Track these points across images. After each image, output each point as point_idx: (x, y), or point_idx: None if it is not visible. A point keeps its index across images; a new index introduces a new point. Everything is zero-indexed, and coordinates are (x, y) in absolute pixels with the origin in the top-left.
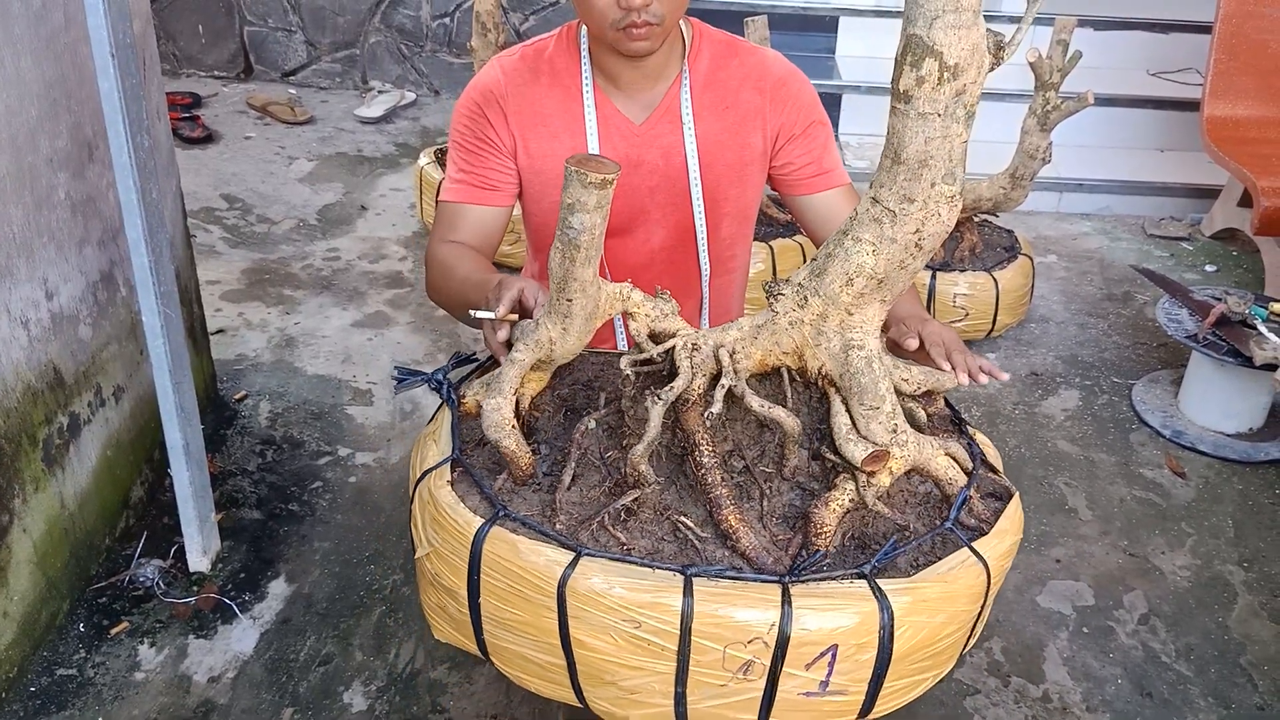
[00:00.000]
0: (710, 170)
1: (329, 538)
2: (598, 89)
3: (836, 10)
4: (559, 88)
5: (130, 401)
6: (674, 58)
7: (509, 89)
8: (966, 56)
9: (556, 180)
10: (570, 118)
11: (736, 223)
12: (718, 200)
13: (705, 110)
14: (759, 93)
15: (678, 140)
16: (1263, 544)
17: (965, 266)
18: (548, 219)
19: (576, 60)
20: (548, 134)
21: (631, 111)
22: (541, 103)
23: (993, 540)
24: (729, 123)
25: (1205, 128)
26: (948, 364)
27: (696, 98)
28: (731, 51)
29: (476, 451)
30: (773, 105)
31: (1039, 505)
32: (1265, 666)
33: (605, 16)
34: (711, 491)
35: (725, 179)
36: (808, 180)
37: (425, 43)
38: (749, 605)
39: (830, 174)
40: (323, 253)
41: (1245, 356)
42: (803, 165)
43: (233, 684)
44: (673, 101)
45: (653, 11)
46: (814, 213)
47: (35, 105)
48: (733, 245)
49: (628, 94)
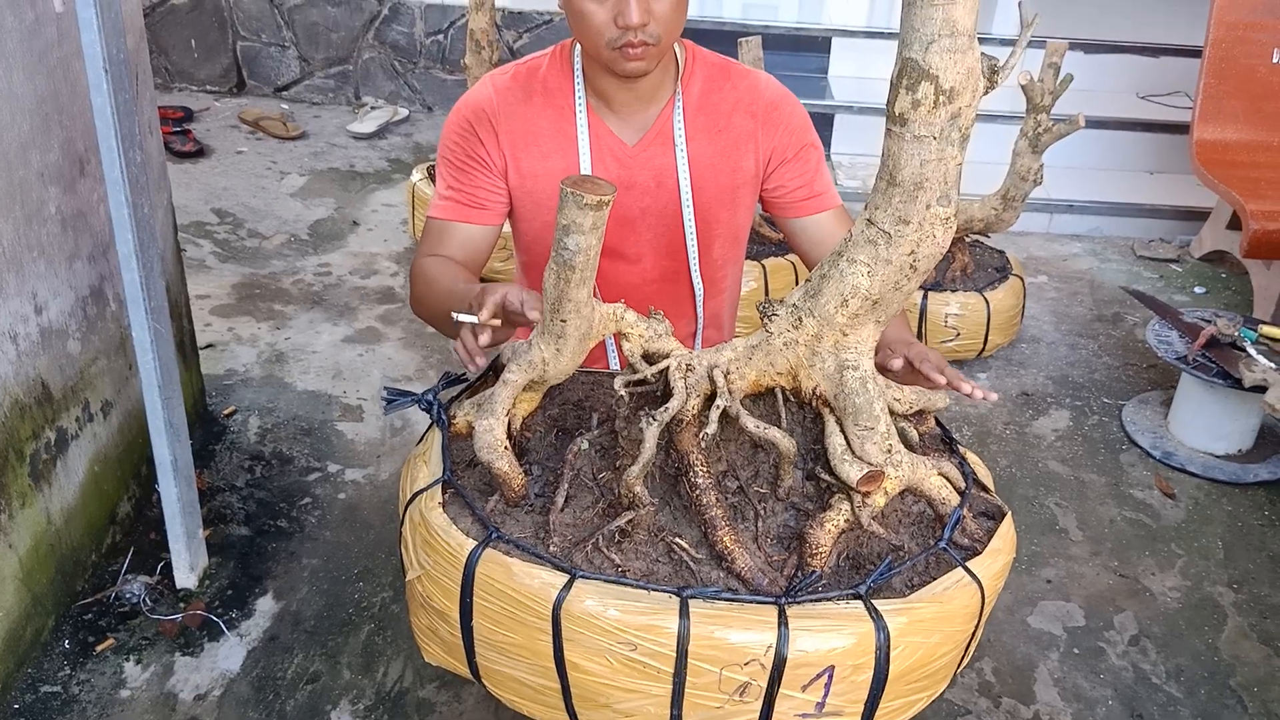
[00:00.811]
0: (702, 193)
1: (318, 554)
2: (590, 109)
3: (829, 31)
4: (551, 107)
5: (118, 417)
6: (668, 80)
7: (500, 107)
8: (962, 80)
9: (548, 200)
10: (562, 138)
11: (727, 244)
12: (709, 222)
13: (698, 133)
14: (751, 116)
15: (670, 162)
16: (1252, 566)
17: (957, 286)
18: (539, 237)
19: (570, 80)
20: (539, 154)
21: (624, 133)
22: (533, 122)
23: (986, 560)
24: (721, 146)
25: (1195, 151)
26: (941, 377)
27: (689, 120)
28: (724, 75)
29: (468, 472)
30: (765, 129)
31: (1030, 525)
32: (1255, 688)
33: (601, 35)
34: (706, 512)
35: (717, 201)
36: (800, 203)
37: (419, 59)
38: (745, 627)
39: (822, 196)
40: (314, 268)
41: (1234, 378)
42: (795, 188)
43: (219, 702)
44: (665, 124)
45: (649, 32)
46: (806, 235)
47: (27, 120)
48: (724, 266)
49: (621, 115)
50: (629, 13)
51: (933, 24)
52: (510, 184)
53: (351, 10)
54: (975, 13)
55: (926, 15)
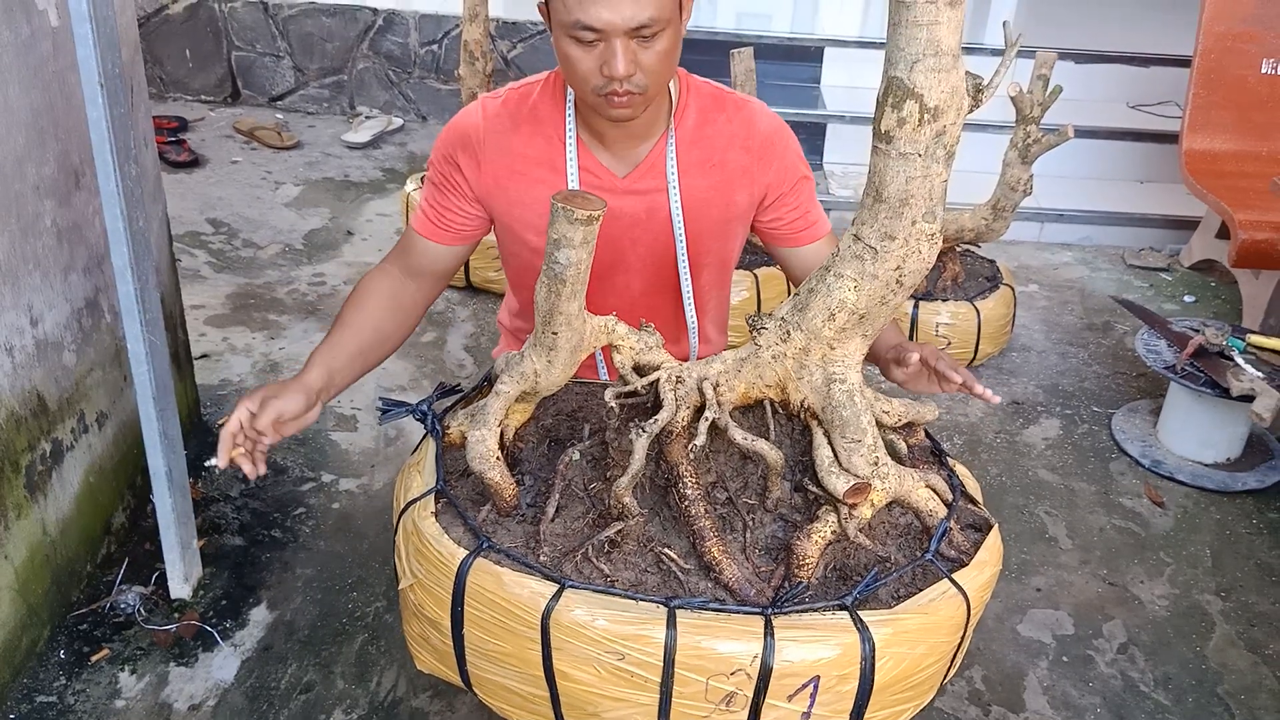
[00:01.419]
0: (694, 226)
1: (311, 564)
2: (581, 142)
3: (822, 41)
4: (540, 136)
5: (113, 428)
6: (660, 116)
7: (488, 136)
8: (946, 99)
9: (534, 225)
10: (550, 167)
11: (716, 271)
12: (700, 253)
13: (691, 167)
14: (746, 151)
15: (662, 197)
16: (1240, 574)
17: (948, 296)
18: (528, 262)
19: (561, 110)
20: (526, 182)
21: (615, 166)
22: (521, 151)
23: (972, 571)
24: (715, 181)
25: (1184, 161)
26: (957, 377)
27: (682, 155)
28: (719, 106)
29: (461, 482)
30: (760, 165)
31: (1019, 534)
32: (1242, 695)
33: (588, 82)
34: (695, 523)
35: (708, 234)
36: (795, 235)
37: (413, 69)
38: (732, 637)
39: (815, 226)
40: (308, 278)
41: (1223, 387)
42: (791, 220)
43: (213, 712)
44: (658, 159)
45: (635, 82)
46: (800, 263)
47: (22, 133)
48: (710, 289)
49: (612, 150)
50: (614, 64)
51: (917, 43)
52: (495, 210)
53: (346, 20)
54: (960, 33)
55: (911, 35)
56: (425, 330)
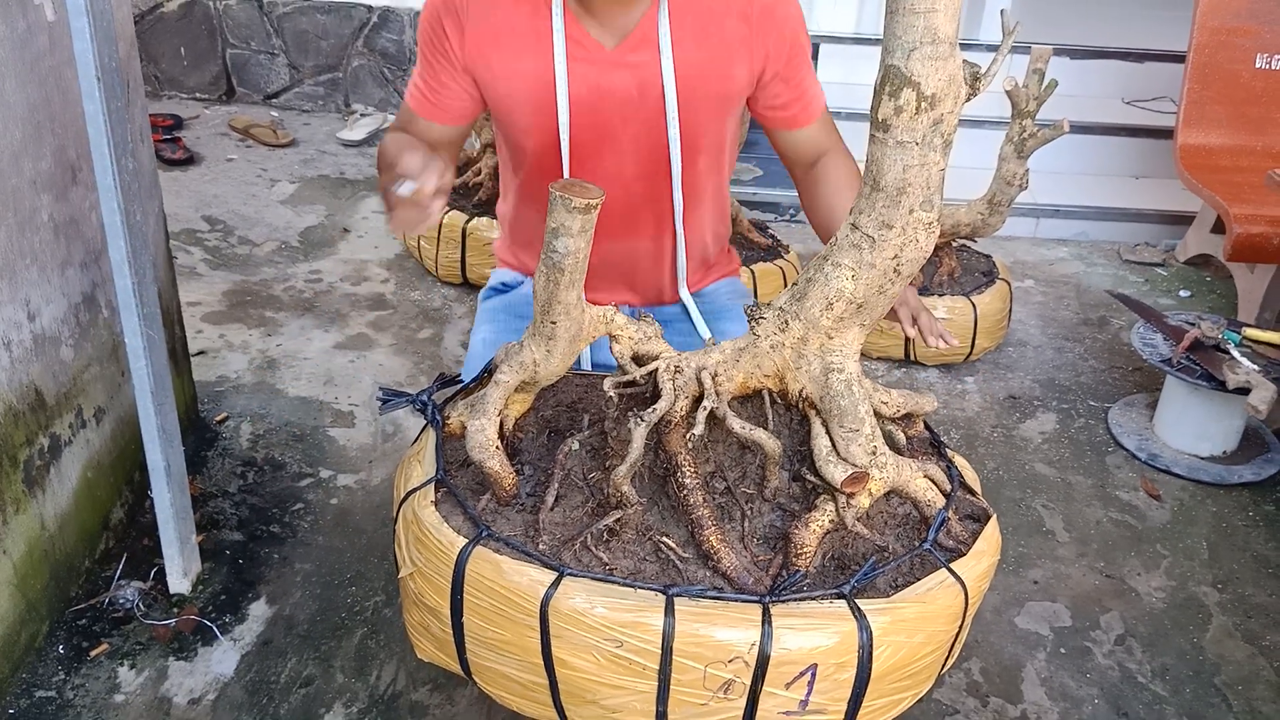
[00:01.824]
0: (689, 102)
1: (310, 559)
2: (567, 9)
3: (817, 37)
4: (526, 4)
5: (111, 423)
6: None
7: (471, 1)
8: (943, 87)
9: (523, 101)
10: (536, 37)
11: (713, 155)
12: (695, 134)
13: (685, 37)
14: (745, 20)
15: (654, 69)
16: (1236, 566)
17: (944, 291)
18: (520, 142)
19: None
20: (511, 53)
21: (603, 36)
22: (506, 19)
23: (970, 561)
24: (711, 51)
25: (1179, 155)
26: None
27: (675, 23)
28: None
29: (460, 472)
30: (759, 34)
31: (1017, 527)
32: (1239, 687)
33: None
34: (693, 512)
35: (704, 111)
36: (790, 117)
37: (408, 66)
38: (730, 625)
39: (812, 104)
40: (304, 275)
41: (1218, 381)
42: (787, 101)
43: (213, 706)
44: (649, 27)
45: None
46: (795, 149)
47: (19, 128)
48: (706, 176)
49: (599, 19)
50: None
51: (915, 31)
52: (483, 83)
53: (341, 18)
54: (957, 20)
55: (909, 23)
56: (422, 326)
